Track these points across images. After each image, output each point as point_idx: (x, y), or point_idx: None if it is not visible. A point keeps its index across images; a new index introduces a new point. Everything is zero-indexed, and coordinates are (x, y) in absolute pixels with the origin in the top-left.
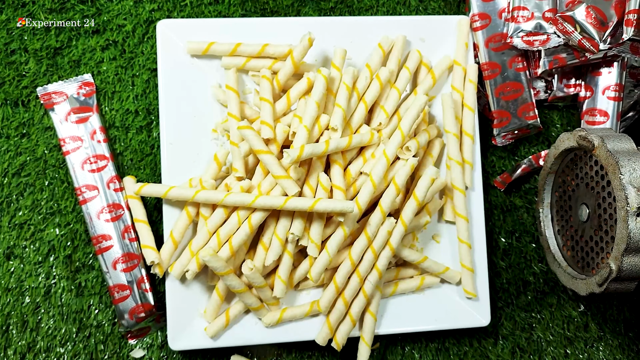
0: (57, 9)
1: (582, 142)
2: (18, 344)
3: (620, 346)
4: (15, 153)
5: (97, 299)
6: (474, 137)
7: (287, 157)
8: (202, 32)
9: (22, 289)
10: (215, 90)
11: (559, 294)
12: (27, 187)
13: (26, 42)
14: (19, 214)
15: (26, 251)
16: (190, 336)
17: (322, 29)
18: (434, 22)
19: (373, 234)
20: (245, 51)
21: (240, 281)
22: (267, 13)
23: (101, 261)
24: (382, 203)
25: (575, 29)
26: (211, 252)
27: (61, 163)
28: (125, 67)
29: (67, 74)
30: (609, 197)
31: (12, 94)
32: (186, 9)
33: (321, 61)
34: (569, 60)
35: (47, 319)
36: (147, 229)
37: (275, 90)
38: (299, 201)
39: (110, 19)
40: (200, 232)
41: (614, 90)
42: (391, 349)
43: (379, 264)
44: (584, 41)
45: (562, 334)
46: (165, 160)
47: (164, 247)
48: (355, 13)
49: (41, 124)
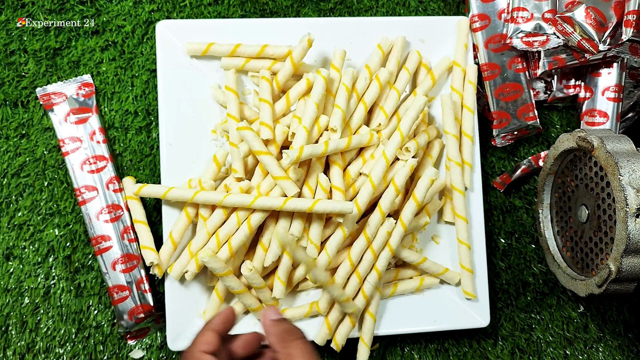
0: (56, 9)
1: (581, 143)
2: (17, 345)
3: (619, 347)
4: (14, 154)
5: (97, 299)
6: (473, 138)
7: (287, 158)
8: (202, 32)
9: (22, 290)
10: (215, 91)
11: (559, 295)
12: (27, 188)
13: (25, 42)
14: (18, 215)
15: (25, 252)
16: (189, 337)
17: (322, 30)
18: (434, 23)
19: (372, 234)
20: (244, 52)
21: (239, 282)
22: (266, 14)
23: (100, 262)
24: (381, 204)
25: (575, 29)
26: (210, 253)
27: (60, 164)
28: (125, 67)
29: (66, 74)
30: (608, 198)
31: (11, 94)
32: (185, 10)
33: (321, 62)
34: (569, 61)
35: (47, 319)
36: (147, 229)
37: (275, 91)
38: (299, 202)
39: (109, 20)
40: (199, 233)
41: (614, 91)
42: (390, 350)
43: (378, 264)
44: (583, 42)
45: (562, 335)
46: (164, 161)
47: (164, 248)
48: (355, 14)
49: (40, 125)
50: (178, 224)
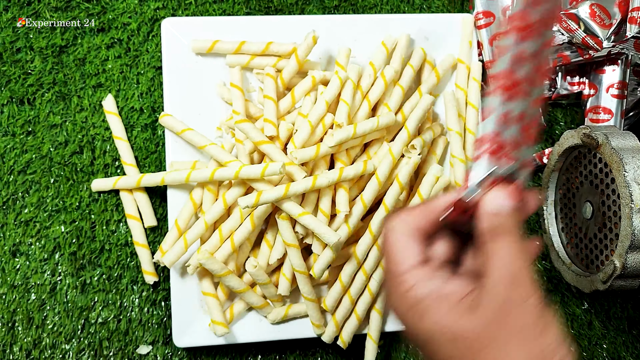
0: (62, 7)
1: (586, 139)
2: (24, 341)
3: (624, 343)
4: (20, 151)
5: (103, 295)
6: (477, 135)
7: (294, 155)
8: (207, 30)
9: (28, 286)
10: (220, 89)
11: (563, 292)
12: (33, 185)
13: (32, 40)
14: (24, 212)
15: (32, 248)
16: (195, 333)
17: (326, 27)
18: (438, 20)
19: (378, 231)
20: (249, 49)
21: (240, 281)
22: (271, 11)
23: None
24: (386, 200)
25: (579, 26)
26: (207, 255)
27: (67, 160)
28: (130, 65)
29: (72, 72)
30: (613, 195)
31: (17, 92)
32: (191, 7)
33: (325, 59)
34: (573, 58)
35: (53, 315)
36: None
37: (280, 88)
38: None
39: (115, 17)
40: (197, 223)
41: (618, 88)
42: (395, 347)
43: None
44: (587, 39)
45: (566, 332)
46: (170, 158)
47: (169, 235)
48: (359, 11)
49: (47, 122)
50: (184, 211)
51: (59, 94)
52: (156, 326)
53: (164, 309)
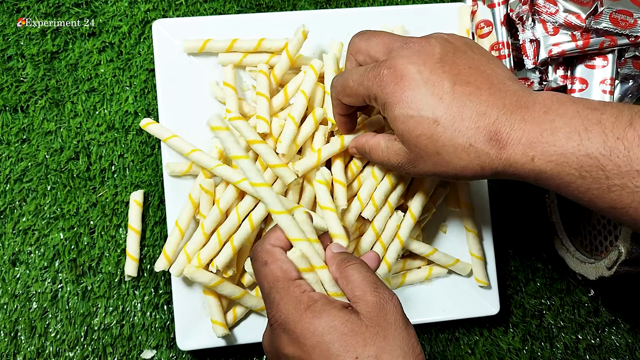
0: (52, 12)
1: None
2: (27, 350)
3: (631, 329)
4: (16, 159)
5: (104, 301)
6: None
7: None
8: (198, 30)
9: (29, 295)
10: (214, 88)
11: (569, 280)
12: (30, 193)
13: (22, 47)
14: (22, 220)
15: (31, 257)
16: (199, 336)
17: (319, 22)
18: (434, 11)
19: (380, 228)
20: (241, 47)
21: (234, 287)
22: (262, 8)
23: None
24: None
25: (559, 8)
26: (193, 269)
27: (63, 167)
28: (123, 68)
29: (65, 78)
30: None
31: (10, 100)
32: (181, 8)
33: (318, 54)
34: (568, 50)
35: (55, 323)
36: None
37: (273, 85)
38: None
39: (105, 21)
40: (196, 233)
41: (610, 84)
42: None
43: (388, 257)
44: (570, 17)
45: (573, 320)
46: (166, 161)
47: (170, 238)
48: (352, 4)
49: (41, 129)
50: (184, 212)
51: (52, 101)
52: (159, 330)
53: (167, 312)
